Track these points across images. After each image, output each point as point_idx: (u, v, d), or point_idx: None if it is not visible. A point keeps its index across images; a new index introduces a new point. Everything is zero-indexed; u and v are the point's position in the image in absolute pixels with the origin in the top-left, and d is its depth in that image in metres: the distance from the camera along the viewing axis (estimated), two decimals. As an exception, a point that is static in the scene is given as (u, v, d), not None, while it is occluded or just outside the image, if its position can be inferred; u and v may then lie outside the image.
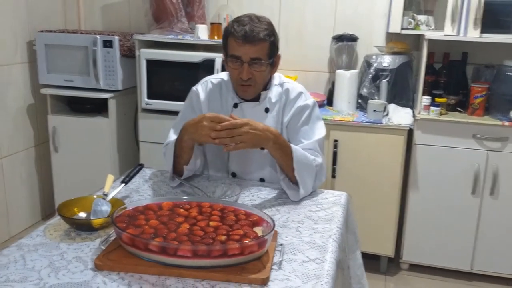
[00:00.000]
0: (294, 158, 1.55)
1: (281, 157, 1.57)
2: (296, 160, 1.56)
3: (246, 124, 1.48)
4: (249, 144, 1.50)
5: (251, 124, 1.49)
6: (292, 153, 1.56)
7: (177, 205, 1.33)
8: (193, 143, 1.59)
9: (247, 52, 1.59)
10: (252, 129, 1.48)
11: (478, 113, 2.57)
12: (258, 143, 1.52)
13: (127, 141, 3.16)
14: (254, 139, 1.49)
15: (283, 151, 1.56)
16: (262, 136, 1.50)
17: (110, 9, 3.35)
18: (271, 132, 1.53)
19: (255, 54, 1.60)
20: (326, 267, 1.16)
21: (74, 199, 1.41)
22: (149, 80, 2.83)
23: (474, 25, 2.46)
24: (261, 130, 1.50)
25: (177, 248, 1.09)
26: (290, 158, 1.56)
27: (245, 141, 1.48)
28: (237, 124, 1.47)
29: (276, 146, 1.54)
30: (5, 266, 1.12)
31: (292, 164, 1.55)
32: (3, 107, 2.91)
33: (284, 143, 1.57)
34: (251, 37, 1.58)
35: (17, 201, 3.10)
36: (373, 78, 2.73)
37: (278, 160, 1.59)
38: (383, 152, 2.58)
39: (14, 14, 2.94)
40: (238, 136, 1.47)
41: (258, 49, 1.60)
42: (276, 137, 1.54)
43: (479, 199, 2.57)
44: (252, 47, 1.59)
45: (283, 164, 1.58)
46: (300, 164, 1.56)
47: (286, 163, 1.57)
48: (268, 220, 1.22)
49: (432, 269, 2.75)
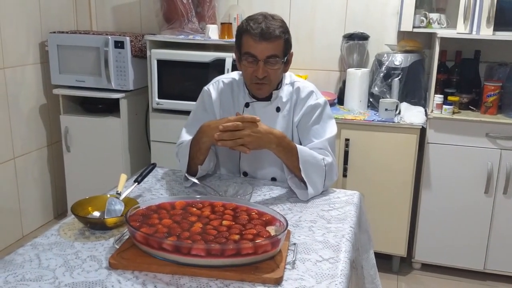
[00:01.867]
0: (300, 159, 1.55)
1: (286, 158, 1.57)
2: (302, 161, 1.55)
3: (248, 126, 1.48)
4: (251, 147, 1.50)
5: (253, 127, 1.48)
6: (297, 153, 1.55)
7: (190, 204, 1.33)
8: (210, 144, 1.60)
9: (263, 49, 1.59)
10: (254, 132, 1.48)
11: (491, 111, 2.54)
12: (260, 146, 1.52)
13: (138, 140, 3.18)
14: (255, 142, 1.49)
15: (287, 153, 1.56)
16: (263, 139, 1.50)
17: (121, 10, 3.36)
18: (274, 135, 1.53)
19: (271, 51, 1.60)
20: (340, 267, 1.16)
21: (88, 198, 1.42)
22: (160, 80, 2.84)
23: (487, 23, 2.43)
24: (263, 133, 1.50)
25: (190, 247, 1.09)
26: (296, 159, 1.55)
27: (246, 144, 1.48)
28: (238, 126, 1.47)
29: (280, 148, 1.54)
30: (20, 265, 1.13)
31: (298, 165, 1.55)
32: (16, 108, 2.94)
33: (289, 145, 1.56)
34: (267, 34, 1.58)
35: (30, 200, 3.13)
36: (385, 77, 2.71)
37: (283, 161, 1.59)
38: (395, 151, 2.56)
39: (27, 16, 2.97)
40: (239, 138, 1.47)
41: (274, 47, 1.60)
42: (280, 139, 1.54)
43: (492, 198, 2.54)
44: (268, 45, 1.59)
45: (289, 165, 1.58)
46: (307, 164, 1.56)
47: (293, 164, 1.57)
48: (281, 220, 1.22)
49: (445, 269, 2.73)
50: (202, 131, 1.58)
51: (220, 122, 1.52)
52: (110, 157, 3.02)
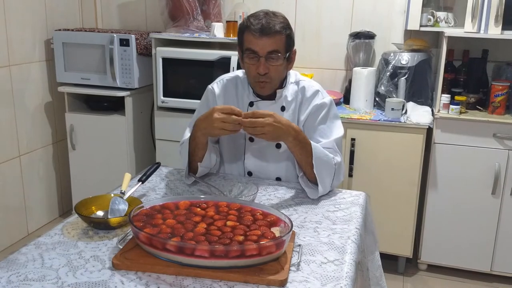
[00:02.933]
0: (313, 154, 1.54)
1: (300, 153, 1.55)
2: (315, 157, 1.54)
3: (270, 115, 1.46)
4: (269, 137, 1.49)
5: (276, 117, 1.47)
6: (311, 149, 1.54)
7: (194, 204, 1.32)
8: (206, 138, 1.58)
9: (264, 45, 1.58)
10: (275, 122, 1.46)
11: (499, 111, 2.52)
12: (279, 137, 1.51)
13: (143, 139, 3.17)
14: (275, 132, 1.47)
15: (302, 148, 1.55)
16: (284, 130, 1.49)
17: (127, 8, 3.36)
18: (293, 128, 1.52)
19: (272, 47, 1.58)
20: (345, 269, 1.15)
21: (92, 198, 1.41)
22: (165, 78, 2.83)
23: (495, 21, 2.40)
24: (284, 124, 1.49)
25: (194, 248, 1.08)
26: (309, 155, 1.54)
27: (266, 133, 1.47)
28: (261, 114, 1.45)
29: (296, 142, 1.53)
30: (23, 264, 1.12)
31: (311, 161, 1.54)
32: (21, 105, 2.94)
33: (304, 140, 1.56)
34: (267, 29, 1.57)
35: (35, 198, 3.13)
36: (391, 76, 2.69)
37: (297, 156, 1.58)
38: (401, 151, 2.54)
39: (33, 13, 2.97)
40: (260, 127, 1.45)
41: (274, 42, 1.58)
42: (297, 133, 1.53)
43: (499, 199, 2.52)
44: (268, 40, 1.57)
45: (302, 160, 1.57)
46: (319, 161, 1.55)
47: (306, 160, 1.55)
48: (286, 221, 1.21)
49: (451, 270, 2.71)
50: (195, 126, 1.57)
51: (209, 111, 1.49)
52: (115, 155, 3.02)
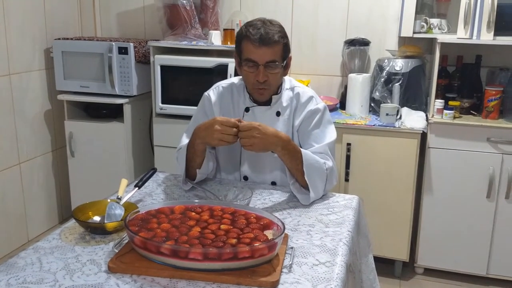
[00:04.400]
0: (304, 161, 1.57)
1: (290, 162, 1.58)
2: (306, 164, 1.57)
3: (254, 128, 1.49)
4: (256, 148, 1.52)
5: (261, 128, 1.50)
6: (302, 157, 1.57)
7: (189, 209, 1.35)
8: (205, 146, 1.61)
9: (263, 54, 1.61)
10: (260, 134, 1.50)
11: (493, 116, 2.55)
12: (266, 148, 1.54)
13: (142, 145, 3.20)
14: (261, 143, 1.51)
15: (292, 156, 1.57)
16: (270, 141, 1.52)
17: (125, 17, 3.40)
18: (280, 138, 1.54)
19: (271, 56, 1.62)
20: (336, 270, 1.17)
21: (89, 203, 1.44)
22: (163, 85, 2.87)
23: (487, 27, 2.44)
24: (268, 135, 1.52)
25: (188, 251, 1.10)
26: (300, 162, 1.57)
27: (252, 145, 1.50)
28: (246, 126, 1.49)
29: (285, 151, 1.56)
30: (22, 268, 1.15)
31: (302, 168, 1.56)
32: (21, 113, 2.98)
33: (294, 148, 1.58)
34: (266, 39, 1.60)
35: (35, 205, 3.16)
36: (386, 82, 2.72)
37: (287, 165, 1.60)
38: (396, 156, 2.57)
39: (32, 22, 3.01)
40: (246, 139, 1.49)
41: (273, 51, 1.62)
42: (286, 142, 1.56)
43: (494, 203, 2.54)
44: (267, 50, 1.61)
45: (292, 168, 1.59)
46: (310, 168, 1.57)
47: (296, 168, 1.58)
48: (278, 223, 1.24)
49: (447, 274, 2.72)
50: (194, 134, 1.60)
51: (210, 122, 1.53)
52: (114, 162, 3.05)
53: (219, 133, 1.50)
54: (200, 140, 1.58)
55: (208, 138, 1.54)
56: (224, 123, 1.50)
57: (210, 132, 1.52)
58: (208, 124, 1.54)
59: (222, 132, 1.50)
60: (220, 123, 1.51)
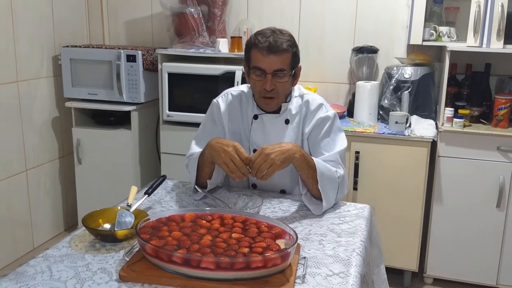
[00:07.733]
0: (317, 170, 1.54)
1: (307, 169, 1.54)
2: (319, 172, 1.55)
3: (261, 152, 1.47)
4: (278, 164, 1.47)
5: (267, 148, 1.48)
6: (314, 164, 1.55)
7: (199, 217, 1.33)
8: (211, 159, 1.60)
9: (271, 62, 1.60)
10: (270, 150, 1.47)
11: (503, 124, 2.53)
12: (287, 159, 1.49)
13: (149, 152, 3.20)
14: (279, 156, 1.47)
15: (307, 163, 1.54)
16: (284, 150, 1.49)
17: (134, 25, 3.41)
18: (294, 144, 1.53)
19: (279, 65, 1.61)
20: (351, 281, 1.15)
21: (99, 211, 1.43)
22: (170, 92, 2.87)
23: (497, 36, 2.43)
24: (280, 146, 1.50)
25: (200, 260, 1.09)
26: (313, 170, 1.55)
27: (273, 164, 1.46)
28: (255, 157, 1.47)
29: (302, 158, 1.53)
30: (32, 276, 1.14)
31: (316, 176, 1.54)
32: (29, 120, 2.98)
33: (308, 156, 1.57)
34: (275, 47, 1.59)
35: (41, 212, 3.15)
36: (394, 90, 2.71)
37: (303, 173, 1.56)
38: (405, 164, 2.55)
39: (41, 30, 3.02)
40: (264, 164, 1.46)
41: (281, 60, 1.61)
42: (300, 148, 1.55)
43: (504, 212, 2.51)
44: (275, 58, 1.60)
45: (306, 176, 1.56)
46: (322, 176, 1.55)
47: (311, 175, 1.55)
48: (291, 233, 1.22)
49: (457, 284, 2.69)
50: (208, 145, 1.58)
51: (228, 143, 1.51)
52: (121, 169, 3.04)
53: (228, 156, 1.48)
54: (209, 151, 1.56)
55: (216, 153, 1.51)
56: (240, 155, 1.48)
57: (222, 149, 1.50)
58: (227, 142, 1.52)
59: (231, 158, 1.47)
60: (237, 151, 1.48)
